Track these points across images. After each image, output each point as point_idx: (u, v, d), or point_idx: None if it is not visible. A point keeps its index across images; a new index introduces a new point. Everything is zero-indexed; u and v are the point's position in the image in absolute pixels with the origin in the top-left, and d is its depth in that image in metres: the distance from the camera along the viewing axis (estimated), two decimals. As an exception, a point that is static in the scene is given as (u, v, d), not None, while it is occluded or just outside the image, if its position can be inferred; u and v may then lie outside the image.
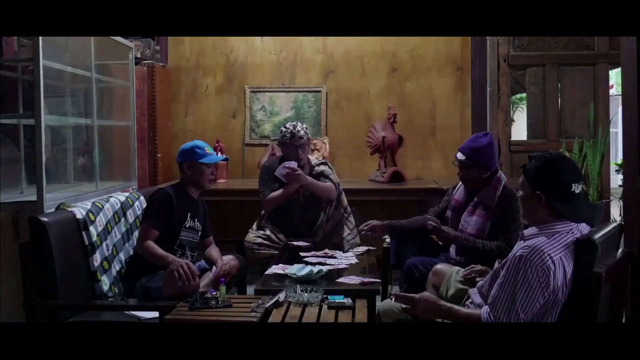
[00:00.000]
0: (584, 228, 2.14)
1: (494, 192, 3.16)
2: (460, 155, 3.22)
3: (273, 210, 3.94)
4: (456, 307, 2.24)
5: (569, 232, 2.09)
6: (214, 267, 3.21)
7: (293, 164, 3.81)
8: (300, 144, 3.89)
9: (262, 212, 4.04)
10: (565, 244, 2.06)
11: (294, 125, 3.92)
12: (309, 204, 3.94)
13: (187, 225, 3.26)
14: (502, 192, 3.16)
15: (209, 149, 3.30)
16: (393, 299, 2.36)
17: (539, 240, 2.07)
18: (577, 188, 2.10)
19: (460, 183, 3.35)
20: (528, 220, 2.21)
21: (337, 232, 3.99)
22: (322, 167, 4.05)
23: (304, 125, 3.97)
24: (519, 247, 2.12)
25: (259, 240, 3.87)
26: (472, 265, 2.71)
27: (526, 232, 2.19)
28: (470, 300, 2.40)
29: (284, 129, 3.93)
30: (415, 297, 2.25)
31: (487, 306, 2.13)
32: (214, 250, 3.38)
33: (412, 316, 2.32)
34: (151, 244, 3.08)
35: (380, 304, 2.68)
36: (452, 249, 3.27)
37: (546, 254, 2.01)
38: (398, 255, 3.46)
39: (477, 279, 2.56)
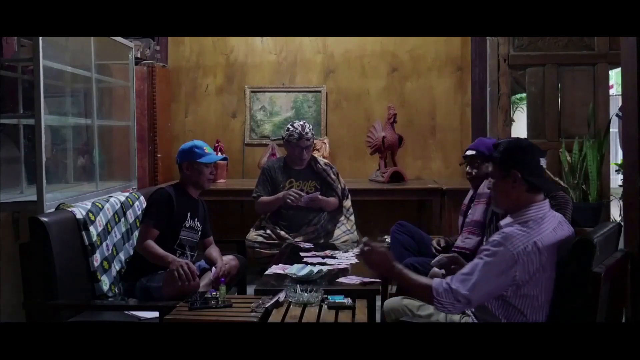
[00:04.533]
0: (556, 214, 2.22)
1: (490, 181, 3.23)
2: (469, 152, 3.36)
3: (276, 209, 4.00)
4: (406, 270, 2.25)
5: (541, 217, 2.15)
6: (213, 267, 3.21)
7: (315, 196, 3.91)
8: (306, 145, 3.99)
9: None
10: (538, 228, 2.12)
11: (302, 126, 3.98)
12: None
13: (187, 225, 3.26)
14: None
15: (208, 149, 3.30)
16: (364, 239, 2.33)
17: (513, 229, 2.13)
18: (543, 163, 2.22)
19: (470, 192, 3.43)
20: (504, 204, 2.25)
21: (336, 226, 4.06)
22: (326, 167, 4.12)
23: (310, 126, 4.05)
24: (494, 234, 2.17)
25: (260, 238, 3.93)
26: (441, 256, 2.72)
27: (502, 222, 2.24)
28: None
29: (291, 128, 3.99)
30: (373, 247, 2.26)
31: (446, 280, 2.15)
32: (214, 250, 3.38)
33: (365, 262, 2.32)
34: (151, 243, 3.08)
35: (385, 302, 2.68)
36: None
37: (518, 242, 2.06)
38: (399, 255, 3.47)
39: (453, 267, 2.56)
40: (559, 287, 2.11)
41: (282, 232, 3.92)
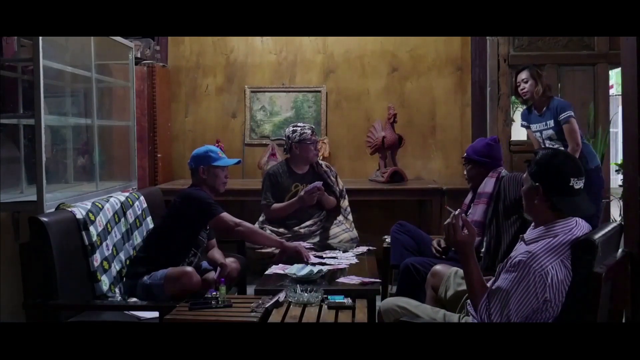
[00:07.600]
0: (584, 227, 2.15)
1: (491, 181, 3.24)
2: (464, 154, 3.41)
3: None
4: (476, 261, 2.24)
5: (568, 232, 2.10)
6: (218, 267, 3.22)
7: (319, 184, 3.92)
8: (316, 142, 4.08)
9: (262, 217, 4.07)
10: (565, 247, 2.08)
11: (307, 125, 4.08)
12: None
13: None
14: (500, 179, 3.22)
15: (221, 153, 3.35)
16: (456, 212, 2.28)
17: (539, 245, 2.09)
18: (576, 183, 2.11)
19: (470, 192, 3.44)
20: (529, 214, 2.23)
21: (333, 224, 4.07)
22: (326, 169, 4.17)
23: None
24: (518, 252, 2.13)
25: None
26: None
27: (527, 235, 2.20)
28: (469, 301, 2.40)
29: (299, 129, 4.02)
30: (467, 224, 2.23)
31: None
32: (216, 252, 3.41)
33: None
34: (242, 224, 3.30)
35: (381, 303, 2.67)
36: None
37: (546, 261, 2.04)
38: (399, 255, 3.47)
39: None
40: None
41: (282, 229, 3.92)
